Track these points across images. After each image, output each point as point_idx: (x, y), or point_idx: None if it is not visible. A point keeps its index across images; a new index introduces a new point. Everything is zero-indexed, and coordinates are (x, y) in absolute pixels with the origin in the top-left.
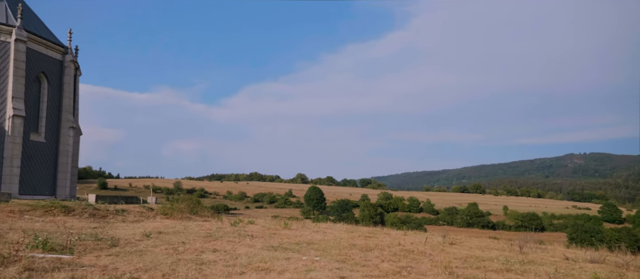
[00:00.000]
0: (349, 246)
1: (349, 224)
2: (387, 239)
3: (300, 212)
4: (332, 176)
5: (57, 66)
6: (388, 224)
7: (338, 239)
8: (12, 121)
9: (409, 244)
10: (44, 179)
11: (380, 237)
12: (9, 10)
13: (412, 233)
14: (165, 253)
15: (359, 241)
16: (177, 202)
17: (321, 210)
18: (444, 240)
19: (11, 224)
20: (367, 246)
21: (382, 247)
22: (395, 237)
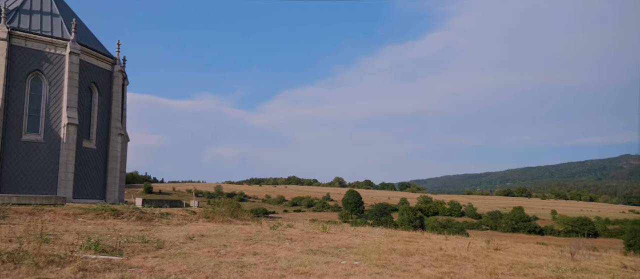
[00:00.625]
0: (389, 250)
1: (387, 228)
2: (428, 244)
3: (338, 216)
4: (370, 180)
5: (107, 76)
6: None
7: (377, 243)
8: (66, 128)
9: (450, 249)
10: (95, 183)
11: (420, 241)
12: (64, 25)
13: (453, 237)
14: (207, 255)
15: (398, 246)
16: (218, 206)
17: (359, 214)
18: (488, 245)
19: (66, 226)
20: (407, 250)
21: (423, 252)
22: (436, 242)
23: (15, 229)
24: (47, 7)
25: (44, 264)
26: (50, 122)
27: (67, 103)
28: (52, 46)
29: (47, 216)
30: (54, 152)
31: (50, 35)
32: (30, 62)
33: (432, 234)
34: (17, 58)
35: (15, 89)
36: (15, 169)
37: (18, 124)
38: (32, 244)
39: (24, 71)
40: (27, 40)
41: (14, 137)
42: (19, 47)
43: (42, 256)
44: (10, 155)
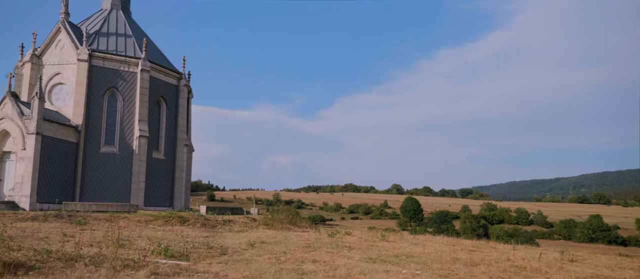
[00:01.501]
0: (452, 260)
1: (449, 236)
2: (494, 254)
3: (397, 223)
4: (429, 186)
5: (174, 90)
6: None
7: (439, 252)
8: (138, 141)
9: (519, 259)
10: (163, 192)
11: (485, 251)
12: (136, 45)
13: (522, 247)
14: (268, 262)
15: (462, 255)
16: (277, 214)
17: (418, 222)
18: (562, 256)
19: (139, 232)
20: (472, 260)
21: (489, 262)
22: (503, 251)
23: (95, 234)
24: (122, 29)
25: (121, 268)
26: (124, 135)
27: (138, 117)
28: (125, 65)
29: (122, 222)
30: (127, 163)
31: (124, 54)
32: (107, 80)
33: (498, 243)
34: (96, 77)
35: (94, 106)
36: (94, 178)
37: (97, 137)
38: (110, 249)
39: (102, 88)
40: (104, 61)
41: (93, 150)
42: (98, 67)
43: (118, 260)
44: (90, 166)
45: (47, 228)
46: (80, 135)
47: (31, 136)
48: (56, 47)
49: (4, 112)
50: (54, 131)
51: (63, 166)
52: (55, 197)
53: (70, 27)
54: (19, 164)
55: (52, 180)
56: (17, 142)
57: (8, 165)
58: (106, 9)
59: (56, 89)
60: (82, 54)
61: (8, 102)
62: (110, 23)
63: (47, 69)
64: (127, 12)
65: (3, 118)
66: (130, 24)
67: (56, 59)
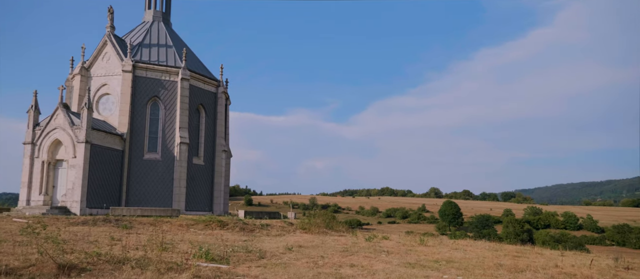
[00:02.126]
0: (495, 266)
1: (491, 241)
2: (541, 260)
3: (435, 228)
4: (468, 190)
5: (212, 98)
6: (538, 243)
7: (481, 257)
8: (179, 147)
9: (568, 266)
10: (203, 197)
11: (531, 257)
12: (176, 55)
13: (570, 253)
14: (306, 266)
15: (506, 261)
16: (314, 218)
17: (458, 226)
18: (617, 263)
19: (181, 236)
20: (517, 266)
21: (535, 268)
22: (550, 257)
23: (140, 238)
24: (163, 40)
25: (165, 271)
26: (166, 142)
27: (179, 124)
28: (167, 74)
29: (165, 226)
30: (169, 169)
31: (165, 64)
32: (149, 90)
33: (544, 249)
34: (139, 87)
35: (138, 114)
36: (138, 184)
37: (140, 144)
38: (154, 252)
39: (145, 97)
40: (147, 71)
41: (137, 157)
42: (141, 77)
43: (162, 263)
44: (135, 172)
45: (96, 232)
46: (125, 143)
47: (81, 144)
48: (103, 59)
49: (57, 123)
50: (102, 139)
51: (110, 173)
52: (103, 202)
53: (115, 40)
54: (70, 171)
55: (100, 186)
56: (69, 151)
57: (61, 172)
58: (148, 21)
59: (103, 99)
60: (126, 65)
61: (60, 113)
62: (152, 35)
63: (94, 81)
64: (167, 23)
65: (56, 128)
66: (170, 35)
67: (103, 71)
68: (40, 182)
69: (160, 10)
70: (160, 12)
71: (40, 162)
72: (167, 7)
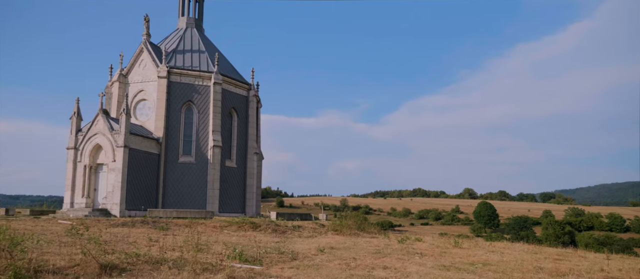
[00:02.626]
0: (534, 269)
1: (529, 244)
2: (584, 264)
3: (470, 229)
4: (505, 190)
5: (244, 101)
6: (581, 246)
7: (519, 260)
8: (212, 150)
9: (615, 270)
10: (236, 198)
11: (573, 260)
12: (208, 60)
13: (617, 256)
14: (338, 267)
15: (546, 264)
16: (345, 219)
17: (494, 228)
18: None
19: (215, 237)
20: (558, 270)
21: (579, 272)
22: (595, 261)
23: (177, 239)
24: (196, 45)
25: (200, 271)
26: (199, 145)
27: (212, 128)
28: (200, 79)
29: (200, 228)
30: (203, 171)
31: (199, 69)
32: (184, 94)
33: (588, 252)
34: (174, 92)
35: (173, 119)
36: (173, 187)
37: (175, 148)
38: (190, 253)
39: (179, 102)
40: (181, 76)
41: (173, 160)
42: (175, 83)
43: (198, 264)
44: (170, 175)
45: (135, 233)
46: (161, 146)
47: (120, 149)
48: (139, 66)
49: (97, 128)
50: (139, 143)
51: (147, 176)
52: (141, 204)
53: (151, 47)
54: (110, 175)
55: (138, 189)
56: (108, 155)
57: (101, 176)
58: (182, 28)
59: (140, 105)
60: (161, 71)
61: (100, 119)
62: (186, 41)
63: (132, 87)
64: (200, 29)
65: (96, 133)
66: (203, 41)
67: (139, 77)
68: (82, 185)
69: (193, 17)
70: (193, 18)
71: (82, 166)
72: (200, 13)
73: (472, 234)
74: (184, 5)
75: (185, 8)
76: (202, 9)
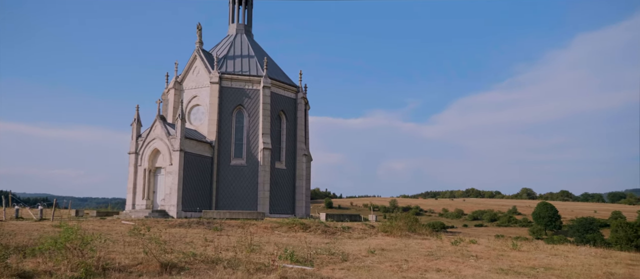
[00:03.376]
0: (604, 275)
1: (597, 247)
2: None
3: (529, 231)
4: (567, 190)
5: (292, 104)
6: None
7: (586, 265)
8: (262, 153)
9: None
10: (285, 200)
11: None
12: (258, 64)
13: None
14: (390, 269)
15: (617, 270)
16: (395, 220)
17: (555, 230)
18: None
19: (266, 238)
20: (632, 276)
21: None
22: None
23: (230, 239)
24: (245, 51)
25: (254, 271)
26: (250, 148)
27: (262, 130)
28: (249, 83)
29: (252, 228)
30: (253, 173)
31: (248, 74)
32: (234, 99)
33: None
34: (225, 96)
35: (224, 123)
36: (226, 189)
37: (227, 151)
38: (243, 253)
39: (230, 106)
40: (232, 81)
41: (225, 163)
42: (227, 88)
43: (251, 264)
44: (223, 177)
45: (191, 234)
46: (214, 150)
47: (176, 152)
48: (193, 73)
49: (155, 133)
50: (193, 147)
51: (201, 178)
52: (196, 206)
53: (203, 54)
54: (167, 178)
55: (193, 191)
56: (166, 159)
57: (159, 179)
58: (232, 35)
59: (194, 110)
60: (213, 77)
61: (158, 125)
62: (236, 47)
63: (186, 93)
64: (249, 34)
65: (154, 138)
66: (252, 46)
67: (193, 84)
68: (142, 188)
69: (242, 24)
70: (243, 24)
71: (142, 170)
72: (249, 19)
73: (531, 236)
74: (234, 12)
75: (234, 15)
76: (251, 15)
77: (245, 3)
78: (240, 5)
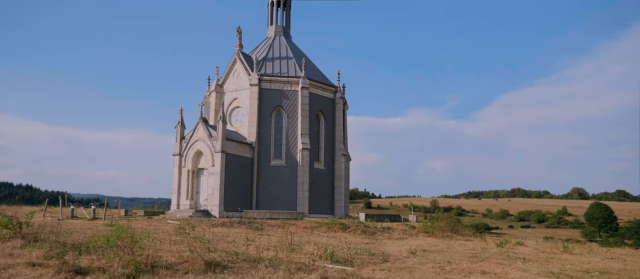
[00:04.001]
0: None
1: None
2: None
3: (581, 233)
4: (623, 190)
5: (330, 104)
6: None
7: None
8: (301, 153)
9: None
10: (324, 200)
11: None
12: (296, 65)
13: None
14: (432, 271)
15: None
16: (437, 221)
17: (611, 232)
18: None
19: (306, 238)
20: None
21: None
22: None
23: (271, 239)
24: (284, 52)
25: (294, 270)
26: (289, 148)
27: (300, 131)
28: (288, 84)
29: (292, 228)
30: (292, 174)
31: (287, 75)
32: (273, 100)
33: None
34: (264, 98)
35: (264, 124)
36: (266, 189)
37: (267, 152)
38: (284, 253)
39: (269, 107)
40: (271, 83)
41: (265, 163)
42: (266, 89)
43: (292, 263)
44: (263, 178)
45: (233, 233)
46: (254, 151)
47: (218, 154)
48: (233, 75)
49: (198, 136)
50: (234, 148)
51: (242, 179)
52: (237, 206)
53: (243, 57)
54: (209, 179)
55: (234, 191)
56: (208, 160)
57: (202, 179)
58: (271, 37)
59: (234, 112)
60: (253, 79)
61: (200, 127)
62: (274, 49)
63: (227, 96)
64: (288, 36)
65: (197, 140)
66: (290, 47)
67: (234, 86)
68: (186, 188)
69: (281, 26)
70: (281, 26)
71: (186, 171)
72: (287, 21)
73: (584, 238)
74: (272, 15)
75: (273, 17)
76: (289, 17)
77: (283, 5)
78: (278, 8)
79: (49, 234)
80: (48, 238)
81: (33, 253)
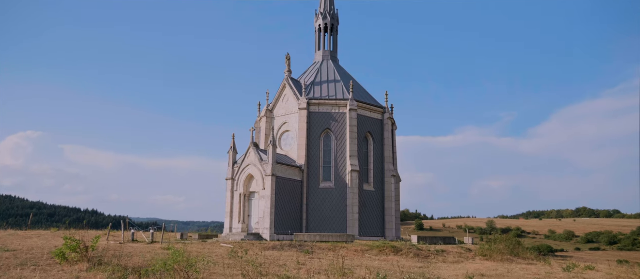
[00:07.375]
0: None
1: None
2: None
3: None
4: None
5: (378, 125)
6: None
7: None
8: (350, 175)
9: None
10: (375, 222)
11: None
12: (344, 88)
13: None
14: None
15: None
16: (495, 243)
17: None
18: None
19: (357, 261)
20: None
21: None
22: None
23: (322, 262)
24: (332, 76)
25: None
26: (338, 171)
27: (349, 153)
28: (336, 107)
29: (342, 251)
30: (342, 196)
31: (335, 98)
32: (322, 123)
33: None
34: (313, 121)
35: (313, 147)
36: (316, 212)
37: (316, 174)
38: (335, 277)
39: (318, 130)
40: (319, 106)
41: (314, 186)
42: (314, 113)
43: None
44: (312, 201)
45: (284, 256)
46: (303, 174)
47: (268, 177)
48: (283, 100)
49: (250, 160)
50: (284, 172)
51: (292, 202)
52: (288, 229)
53: (292, 82)
54: (260, 202)
55: (284, 214)
56: (259, 184)
57: (253, 203)
58: (319, 61)
59: (284, 136)
60: (302, 103)
61: (252, 152)
62: (322, 73)
63: (277, 120)
64: (335, 60)
65: (249, 165)
66: (338, 71)
67: (283, 111)
68: (239, 212)
69: (328, 50)
70: (328, 51)
71: (238, 194)
72: (335, 46)
73: None
74: (320, 40)
75: (321, 43)
76: (336, 41)
77: (330, 30)
78: (326, 33)
79: (112, 258)
80: (111, 262)
81: (98, 276)
